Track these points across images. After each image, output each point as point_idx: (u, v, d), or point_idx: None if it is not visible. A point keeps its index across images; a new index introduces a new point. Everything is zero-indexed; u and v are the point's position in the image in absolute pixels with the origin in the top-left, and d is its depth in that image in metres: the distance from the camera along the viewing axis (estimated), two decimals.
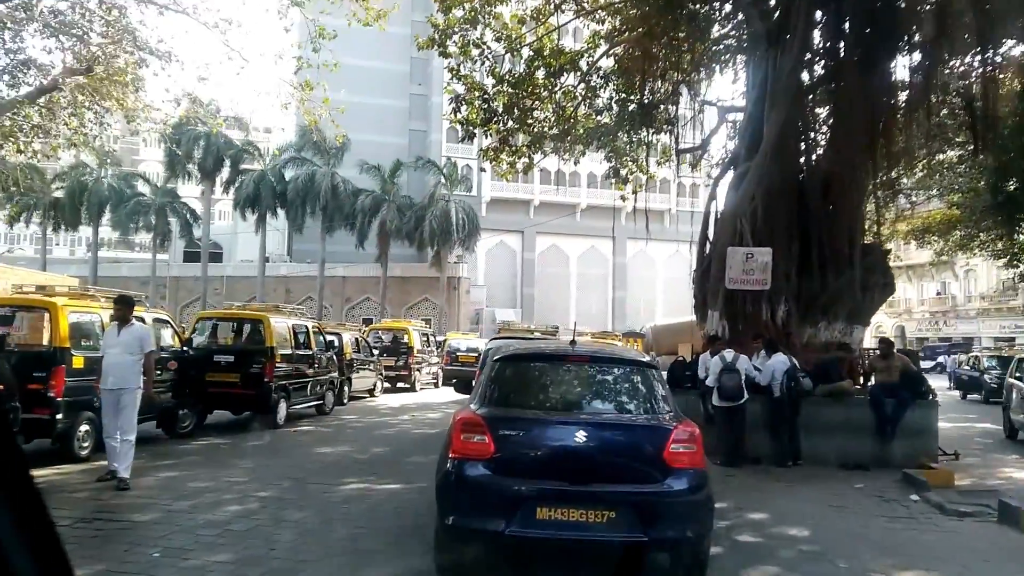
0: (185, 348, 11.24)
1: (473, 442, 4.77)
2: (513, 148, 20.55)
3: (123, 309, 7.67)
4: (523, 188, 57.49)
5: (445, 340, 26.22)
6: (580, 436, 4.77)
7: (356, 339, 18.01)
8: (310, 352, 13.46)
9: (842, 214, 13.40)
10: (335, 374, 14.82)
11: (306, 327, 13.62)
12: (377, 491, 7.67)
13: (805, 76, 14.41)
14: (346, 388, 16.39)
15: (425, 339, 23.41)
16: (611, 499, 4.64)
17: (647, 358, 6.26)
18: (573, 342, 6.17)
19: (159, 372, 10.11)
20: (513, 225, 58.06)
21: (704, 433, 5.57)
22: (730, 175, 17.29)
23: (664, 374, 7.77)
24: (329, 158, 45.84)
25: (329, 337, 15.77)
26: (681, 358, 11.90)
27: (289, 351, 12.61)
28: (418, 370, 22.29)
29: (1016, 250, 24.29)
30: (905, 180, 23.03)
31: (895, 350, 11.50)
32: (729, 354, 10.51)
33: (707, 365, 10.96)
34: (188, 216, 50.52)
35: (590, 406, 5.37)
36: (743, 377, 10.33)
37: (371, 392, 18.89)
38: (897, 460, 10.45)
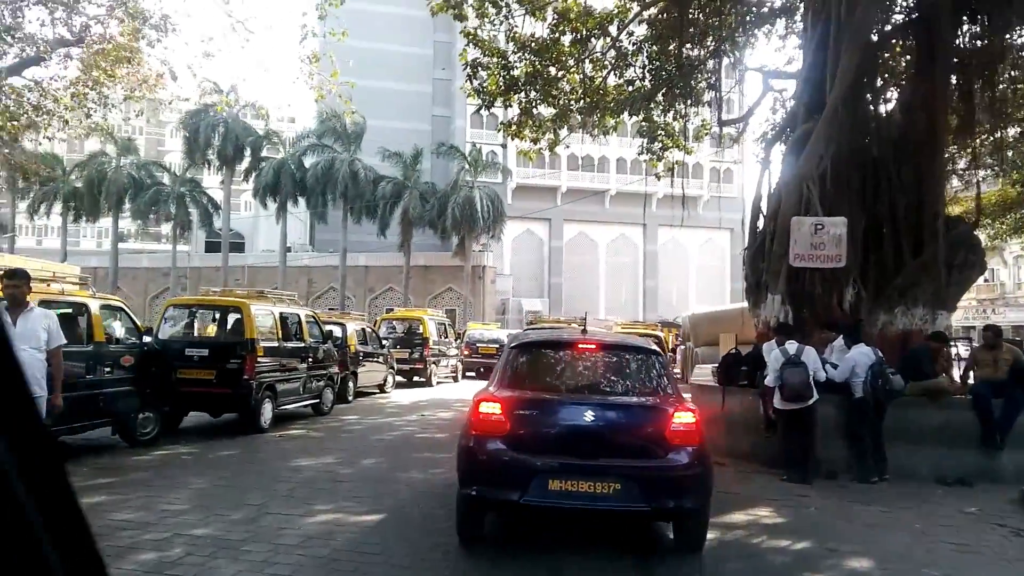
0: (147, 340, 9.56)
1: (491, 420, 5.19)
2: (537, 123, 18.63)
3: (15, 287, 5.71)
4: (550, 174, 55.54)
5: (465, 331, 24.53)
6: (589, 415, 5.22)
7: (363, 329, 16.24)
8: (303, 344, 11.73)
9: (922, 181, 11.36)
10: (335, 369, 13.09)
11: (298, 316, 11.87)
12: (348, 527, 5.88)
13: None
14: (350, 384, 14.67)
15: (443, 329, 21.61)
16: (617, 472, 5.02)
17: (653, 346, 6.36)
18: (584, 330, 6.56)
19: (108, 370, 8.45)
20: (540, 212, 56.06)
21: (764, 443, 6.84)
22: (778, 150, 15.49)
23: (694, 360, 9.17)
24: (349, 144, 44.31)
25: (330, 327, 14.10)
26: (735, 350, 10.00)
27: (276, 343, 10.87)
28: (435, 363, 20.45)
29: None
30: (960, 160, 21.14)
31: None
32: (792, 346, 8.56)
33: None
34: (208, 205, 49.39)
35: (598, 388, 5.74)
36: (811, 374, 8.39)
37: (381, 388, 17.16)
38: (1008, 474, 8.48)
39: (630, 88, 18.17)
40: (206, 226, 49.92)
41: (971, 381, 9.26)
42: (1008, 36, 13.88)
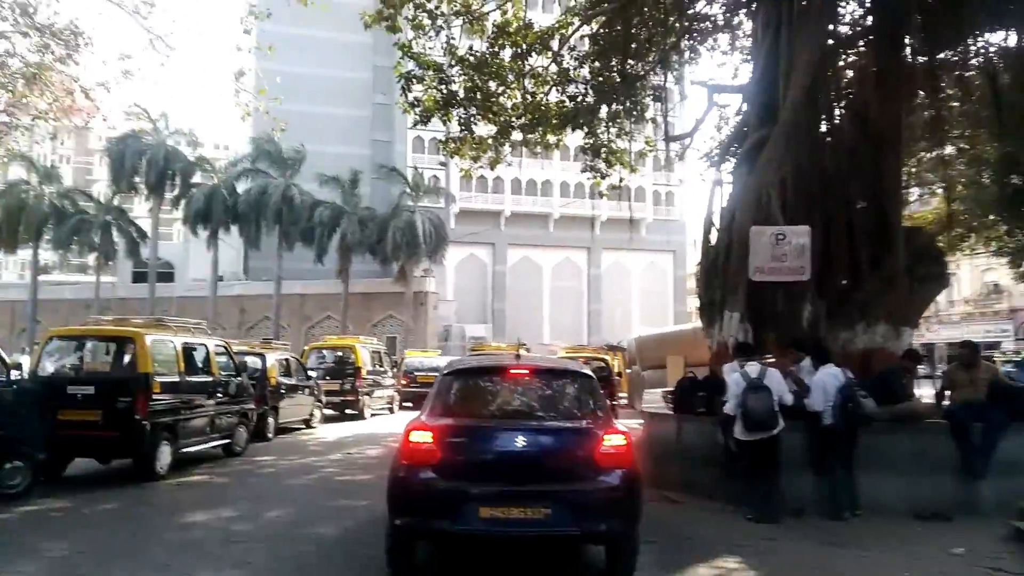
0: (17, 377, 8.17)
1: (421, 448, 5.17)
2: (477, 140, 17.72)
3: None
4: (493, 198, 54.90)
5: (402, 359, 23.27)
6: (520, 440, 5.24)
7: (287, 360, 14.89)
8: (210, 378, 10.39)
9: (882, 190, 10.76)
10: (250, 405, 11.76)
11: (205, 347, 10.56)
12: None
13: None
14: (270, 420, 13.33)
15: (377, 358, 20.27)
16: (548, 497, 5.05)
17: (585, 369, 6.45)
18: (518, 355, 6.46)
19: None
20: (483, 237, 55.16)
21: (724, 476, 7.17)
22: (727, 167, 14.91)
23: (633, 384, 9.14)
24: (286, 169, 42.82)
25: (246, 359, 12.79)
26: (690, 374, 9.09)
27: (176, 378, 9.55)
28: (368, 394, 19.07)
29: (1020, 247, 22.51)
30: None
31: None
32: (754, 368, 7.69)
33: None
34: (135, 234, 47.08)
35: (530, 413, 5.75)
36: (776, 399, 7.52)
37: (307, 423, 15.77)
38: (988, 505, 7.71)
39: (572, 103, 17.45)
40: (133, 255, 47.55)
41: (945, 403, 8.50)
42: (948, 53, 13.59)
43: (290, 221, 42.34)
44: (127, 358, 9.33)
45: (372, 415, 19.33)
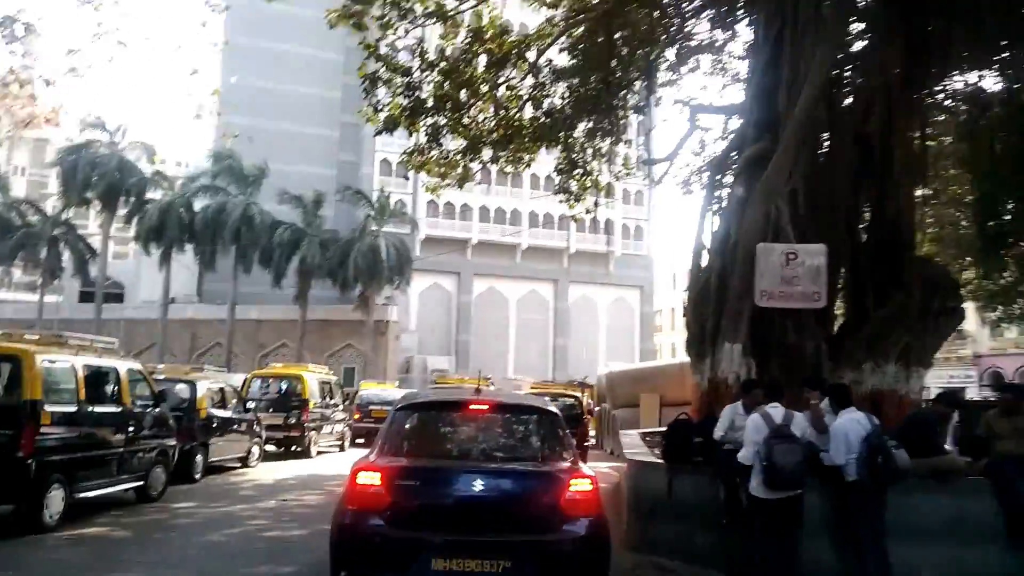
0: None
1: (369, 492, 4.79)
2: (444, 154, 16.49)
3: None
4: (460, 225, 53.60)
5: (356, 391, 21.59)
6: (477, 484, 4.91)
7: (221, 389, 13.20)
8: (119, 409, 8.79)
9: (891, 216, 9.69)
10: (170, 441, 10.13)
11: (115, 371, 8.97)
12: None
13: None
14: (198, 459, 11.66)
15: (327, 389, 18.55)
16: (508, 548, 4.70)
17: (551, 406, 5.96)
18: (478, 390, 5.94)
19: None
20: (449, 266, 53.75)
21: (729, 537, 6.44)
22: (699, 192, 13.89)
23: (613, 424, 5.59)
24: (246, 187, 41.07)
25: (167, 387, 11.17)
26: (684, 417, 7.76)
27: (74, 407, 7.98)
28: (316, 429, 17.28)
29: (1002, 289, 21.84)
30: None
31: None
32: (777, 412, 6.41)
33: (732, 426, 6.90)
34: (84, 250, 44.77)
35: (489, 454, 5.40)
36: (803, 450, 6.23)
37: (244, 461, 14.08)
38: None
39: (548, 119, 16.35)
40: (81, 273, 45.14)
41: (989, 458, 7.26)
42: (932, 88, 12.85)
43: (249, 241, 40.51)
44: (9, 383, 7.72)
45: (319, 453, 17.61)
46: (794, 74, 9.19)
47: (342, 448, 19.28)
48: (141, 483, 9.29)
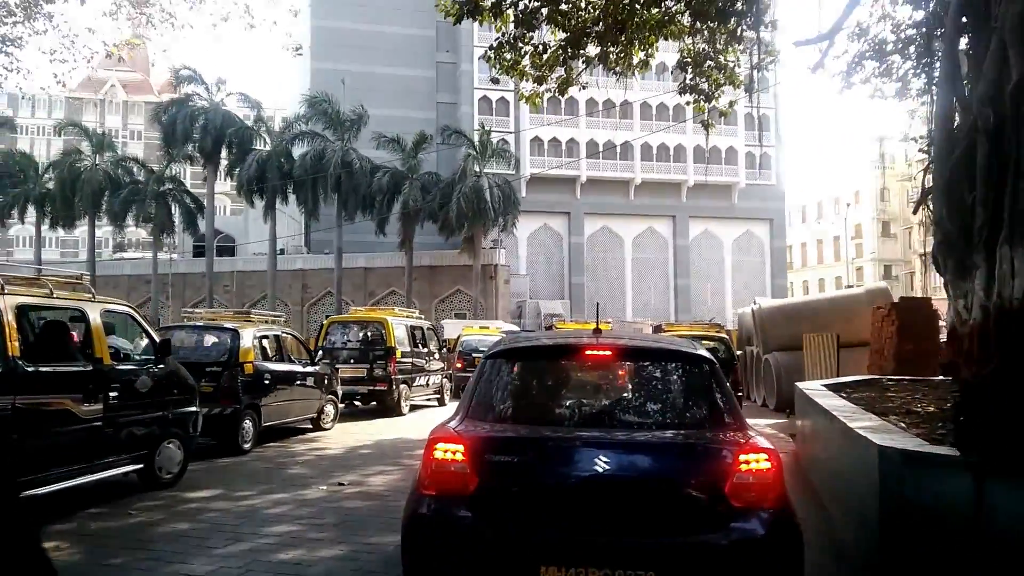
0: None
1: (450, 471, 3.56)
2: (541, 48, 13.34)
3: None
4: (567, 163, 50.26)
5: (458, 337, 19.15)
6: (601, 462, 3.46)
7: (276, 338, 10.85)
8: (87, 367, 6.32)
9: None
10: (189, 407, 7.62)
11: (82, 316, 6.39)
12: None
13: None
14: (246, 425, 9.37)
15: (419, 336, 16.02)
16: (648, 555, 3.31)
17: (701, 350, 4.21)
18: (597, 330, 4.38)
19: None
20: (558, 206, 50.79)
21: None
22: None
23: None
24: (343, 132, 39.33)
25: (210, 336, 8.82)
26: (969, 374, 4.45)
27: (31, 367, 5.58)
28: (406, 382, 14.87)
29: None
30: None
31: None
32: None
33: None
34: (192, 205, 44.63)
35: (618, 420, 3.99)
36: None
37: (315, 422, 11.90)
38: None
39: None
40: (190, 228, 45.18)
41: None
42: None
43: (350, 188, 38.95)
44: None
45: (413, 408, 15.25)
46: None
47: (441, 402, 16.92)
48: (141, 465, 6.92)
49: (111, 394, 6.43)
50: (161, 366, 7.21)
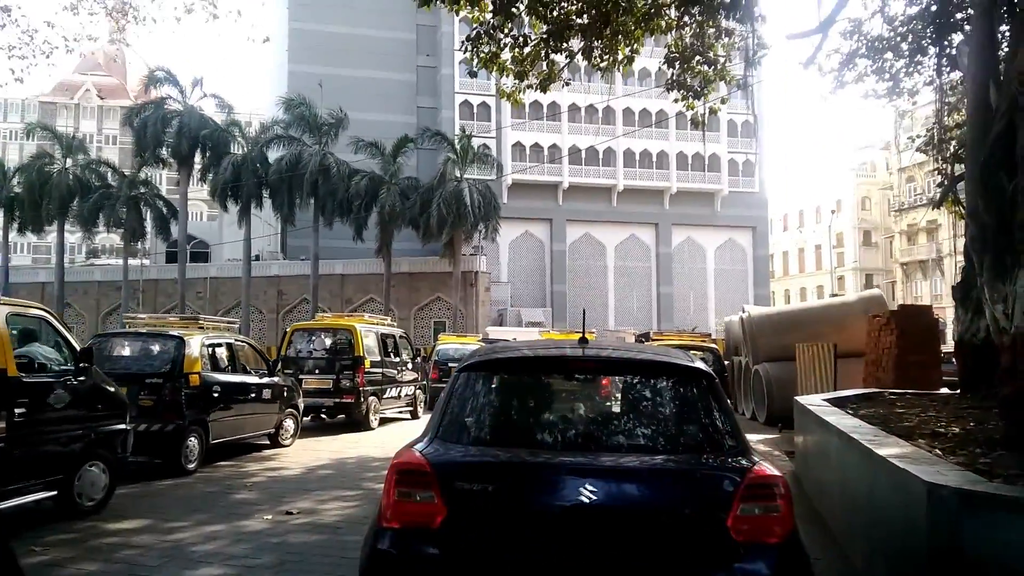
0: None
1: (415, 501, 3.16)
2: (520, 42, 12.61)
3: None
4: (550, 169, 49.63)
5: (432, 347, 18.30)
6: (588, 493, 3.05)
7: (226, 346, 9.91)
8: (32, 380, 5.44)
9: None
10: (117, 423, 6.66)
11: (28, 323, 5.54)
12: None
13: None
14: (191, 442, 8.50)
15: (391, 344, 15.05)
16: None
17: (698, 363, 3.74)
18: (583, 340, 3.95)
19: None
20: (539, 213, 50.15)
21: None
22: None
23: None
24: (321, 135, 38.43)
25: (151, 344, 7.91)
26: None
27: None
28: (376, 394, 13.91)
29: None
30: None
31: None
32: None
33: None
34: (164, 209, 43.45)
35: (607, 442, 3.50)
36: None
37: (274, 438, 10.90)
38: None
39: None
40: (162, 233, 44.00)
41: None
42: None
43: (327, 193, 38.05)
44: None
45: (383, 422, 14.34)
46: None
47: (415, 415, 16.01)
48: (55, 492, 6.03)
49: (17, 410, 5.54)
50: (82, 378, 6.32)
